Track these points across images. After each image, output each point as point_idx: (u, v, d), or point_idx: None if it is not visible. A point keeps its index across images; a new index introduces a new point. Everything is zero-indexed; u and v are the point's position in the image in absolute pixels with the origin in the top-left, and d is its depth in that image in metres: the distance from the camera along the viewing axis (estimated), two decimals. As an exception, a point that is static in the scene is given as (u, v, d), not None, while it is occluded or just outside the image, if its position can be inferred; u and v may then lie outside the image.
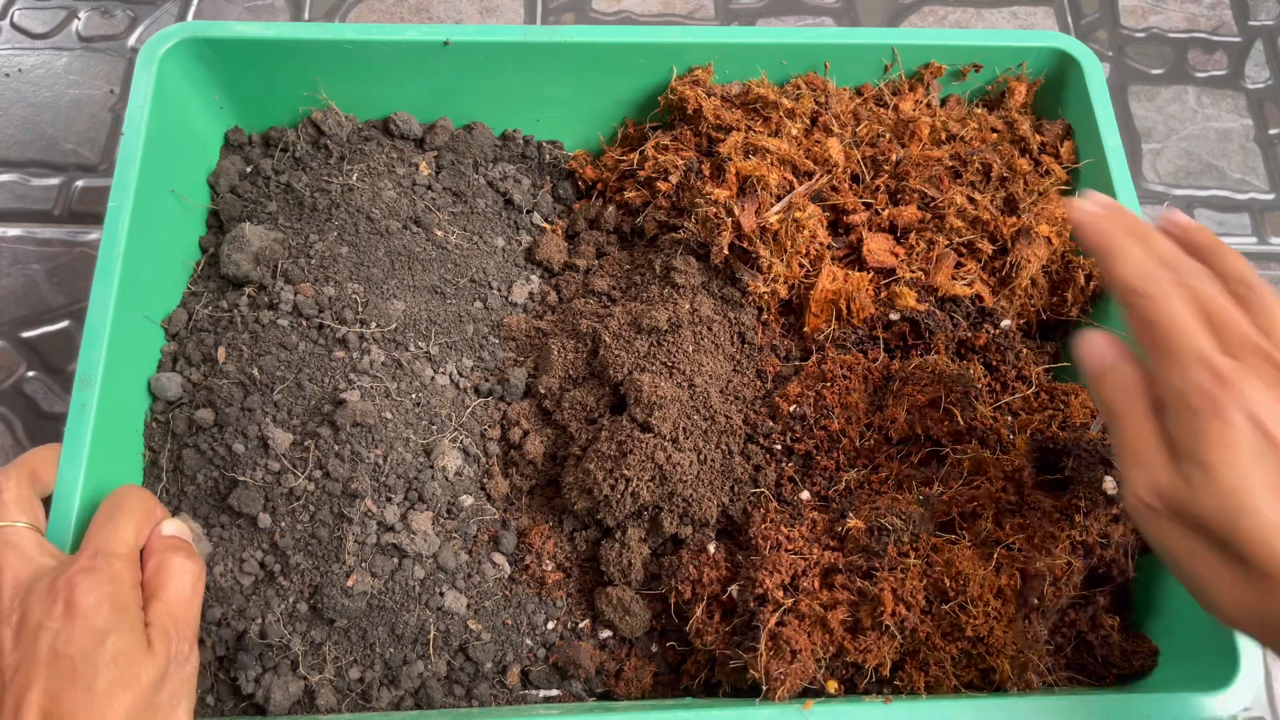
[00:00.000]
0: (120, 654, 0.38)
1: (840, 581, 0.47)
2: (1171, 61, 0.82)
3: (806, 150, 0.58)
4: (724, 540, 0.52)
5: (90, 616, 0.38)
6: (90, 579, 0.39)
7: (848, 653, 0.46)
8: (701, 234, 0.56)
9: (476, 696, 0.50)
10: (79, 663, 0.37)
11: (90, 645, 0.37)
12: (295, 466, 0.49)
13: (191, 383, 0.53)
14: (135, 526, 0.42)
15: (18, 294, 0.67)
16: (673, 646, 0.51)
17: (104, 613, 0.38)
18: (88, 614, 0.38)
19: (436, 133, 0.62)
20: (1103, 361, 0.39)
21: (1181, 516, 0.35)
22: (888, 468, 0.51)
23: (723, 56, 0.60)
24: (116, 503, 0.43)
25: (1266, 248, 0.74)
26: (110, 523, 0.42)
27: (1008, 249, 0.57)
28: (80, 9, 0.78)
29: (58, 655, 0.37)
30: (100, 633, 0.38)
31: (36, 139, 0.73)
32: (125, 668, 0.38)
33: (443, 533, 0.51)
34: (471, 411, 0.54)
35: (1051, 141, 0.61)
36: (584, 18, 0.80)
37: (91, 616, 0.38)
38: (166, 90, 0.55)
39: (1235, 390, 0.34)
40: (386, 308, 0.55)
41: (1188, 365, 0.35)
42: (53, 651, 0.37)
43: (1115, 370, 0.39)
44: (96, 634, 0.38)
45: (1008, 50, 0.62)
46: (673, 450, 0.50)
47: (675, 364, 0.52)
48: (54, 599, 0.38)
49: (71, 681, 0.37)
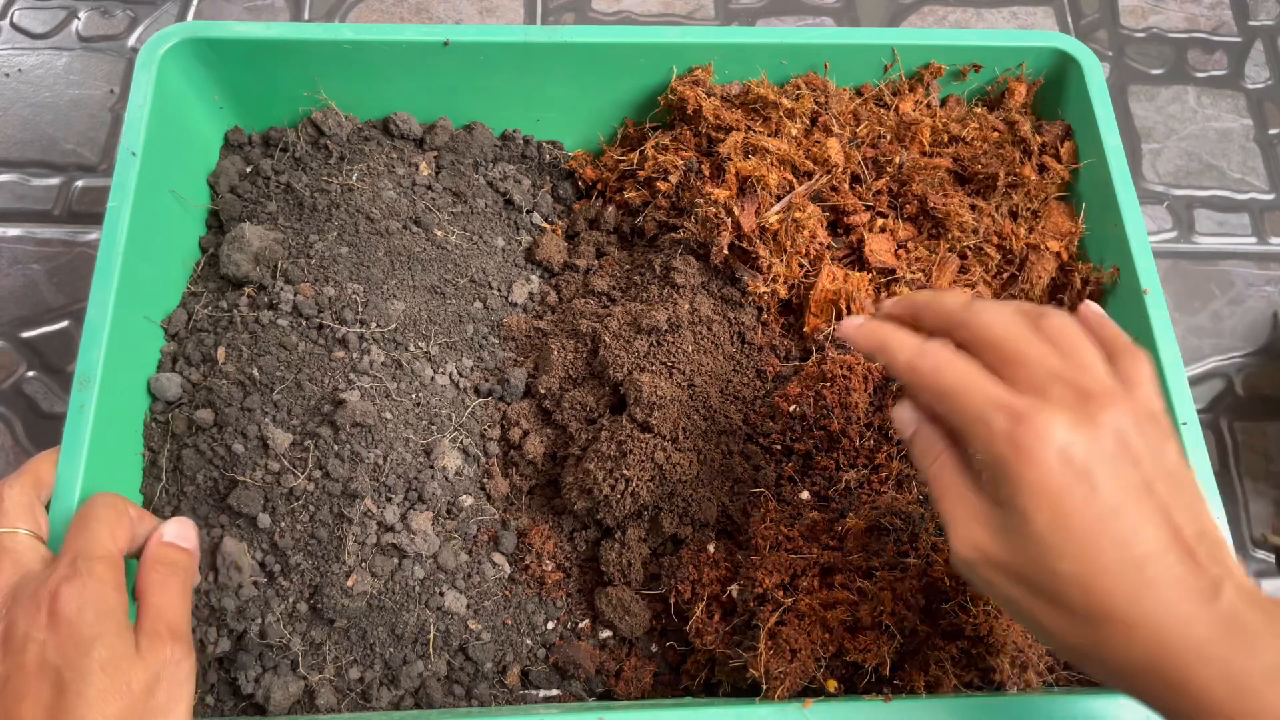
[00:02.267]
0: (108, 662, 0.37)
1: (840, 581, 0.47)
2: (1171, 61, 0.82)
3: (806, 150, 0.58)
4: (724, 540, 0.52)
5: (74, 624, 0.38)
6: (71, 586, 0.39)
7: (847, 652, 0.46)
8: (701, 234, 0.56)
9: (476, 696, 0.50)
10: (67, 672, 0.37)
11: (77, 654, 0.37)
12: (295, 466, 0.49)
13: (191, 383, 0.53)
14: (110, 530, 0.42)
15: (18, 294, 0.67)
16: (673, 646, 0.51)
17: (88, 619, 0.38)
18: (72, 622, 0.38)
19: (436, 133, 0.62)
20: (905, 427, 0.39)
21: (1006, 568, 0.34)
22: (888, 468, 0.51)
23: (723, 56, 0.60)
24: (89, 509, 0.43)
25: (1266, 248, 0.74)
26: (85, 528, 0.42)
27: (1013, 257, 0.58)
28: (80, 9, 0.78)
29: (46, 666, 0.37)
30: (87, 641, 0.37)
31: (36, 139, 0.73)
32: (114, 675, 0.37)
33: (443, 533, 0.51)
34: (471, 411, 0.54)
35: (1052, 142, 0.61)
36: (584, 18, 0.80)
37: (76, 624, 0.38)
38: (166, 90, 0.55)
39: (1038, 427, 0.33)
40: (386, 308, 0.55)
41: (983, 414, 0.34)
42: (41, 662, 0.37)
43: (918, 434, 0.39)
44: (83, 642, 0.37)
45: (1008, 50, 0.62)
46: (673, 450, 0.50)
47: (675, 364, 0.52)
48: (37, 608, 0.38)
49: (62, 692, 0.37)
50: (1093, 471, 0.33)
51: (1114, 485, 0.33)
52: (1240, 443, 0.68)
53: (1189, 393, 0.51)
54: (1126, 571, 0.32)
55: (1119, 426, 0.34)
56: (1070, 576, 0.33)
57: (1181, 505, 0.34)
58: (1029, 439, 0.33)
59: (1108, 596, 0.33)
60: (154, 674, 0.39)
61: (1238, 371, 0.70)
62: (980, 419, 0.34)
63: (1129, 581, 0.32)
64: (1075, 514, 0.33)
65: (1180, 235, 0.75)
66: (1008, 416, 0.34)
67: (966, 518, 0.35)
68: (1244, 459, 0.67)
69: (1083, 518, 0.33)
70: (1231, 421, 0.69)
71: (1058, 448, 0.33)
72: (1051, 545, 0.33)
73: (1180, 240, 0.74)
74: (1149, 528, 0.33)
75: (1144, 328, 0.53)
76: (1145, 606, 0.32)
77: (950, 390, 0.36)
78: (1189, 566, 0.33)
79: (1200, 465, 0.49)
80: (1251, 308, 0.72)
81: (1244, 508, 0.66)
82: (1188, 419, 0.50)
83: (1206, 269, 0.73)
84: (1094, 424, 0.33)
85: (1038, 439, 0.33)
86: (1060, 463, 0.33)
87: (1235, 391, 0.70)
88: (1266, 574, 0.64)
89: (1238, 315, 0.72)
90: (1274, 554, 0.65)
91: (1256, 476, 0.67)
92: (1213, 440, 0.68)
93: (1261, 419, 0.69)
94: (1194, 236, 0.74)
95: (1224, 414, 0.69)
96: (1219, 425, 0.68)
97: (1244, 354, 0.71)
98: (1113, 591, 0.33)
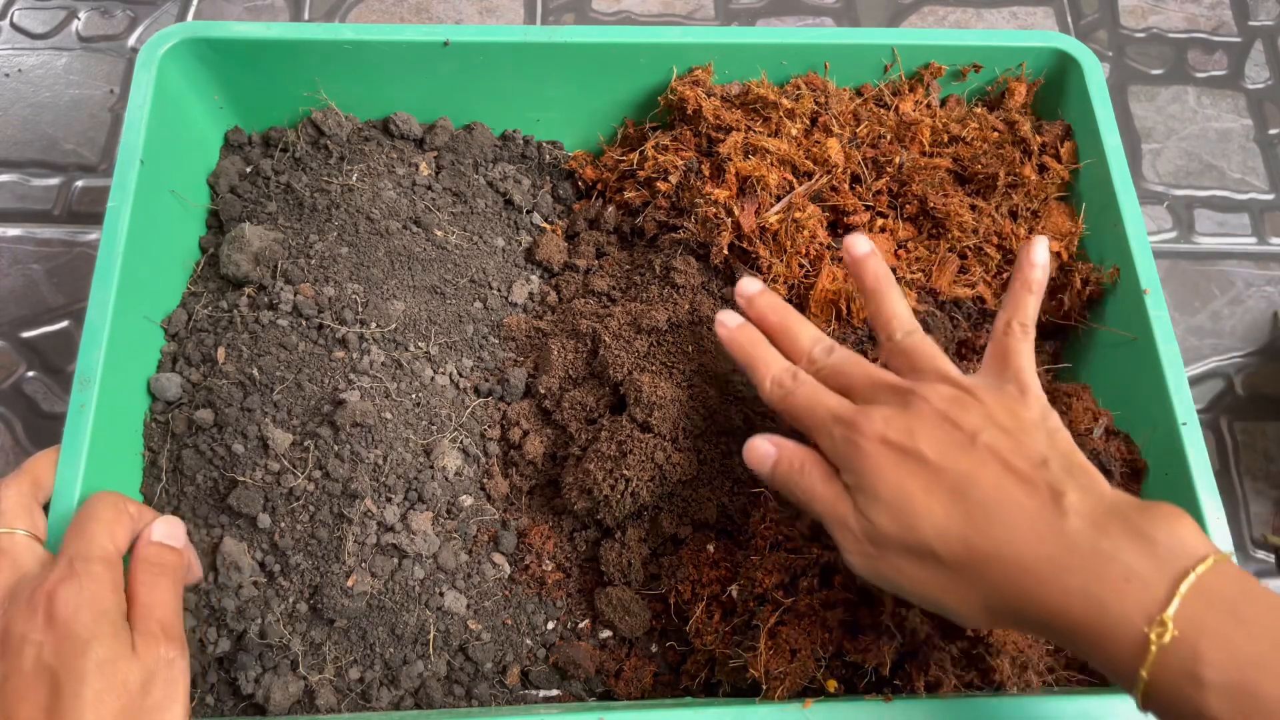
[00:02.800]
0: (105, 662, 0.38)
1: (840, 581, 0.47)
2: (1171, 61, 0.82)
3: (806, 150, 0.58)
4: (724, 540, 0.52)
5: (71, 625, 0.38)
6: (68, 587, 0.39)
7: (847, 652, 0.46)
8: (701, 234, 0.56)
9: (476, 696, 0.50)
10: (64, 674, 0.37)
11: (74, 655, 0.37)
12: (295, 467, 0.49)
13: (191, 383, 0.53)
14: (108, 530, 0.42)
15: (18, 294, 0.67)
16: (673, 646, 0.51)
17: (85, 620, 0.38)
18: (68, 623, 0.38)
19: (436, 133, 0.62)
20: (764, 455, 0.44)
21: (884, 547, 0.38)
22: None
23: (723, 56, 0.60)
24: (87, 509, 0.43)
25: (1266, 248, 0.74)
26: (83, 529, 0.42)
27: (1013, 257, 0.58)
28: (80, 9, 0.78)
29: (43, 667, 0.37)
30: (84, 642, 0.38)
31: (36, 139, 0.73)
32: (111, 675, 0.37)
33: (443, 533, 0.51)
34: (471, 411, 0.54)
35: (1052, 142, 0.61)
36: (584, 18, 0.80)
37: (72, 625, 0.38)
38: (166, 90, 0.55)
39: (861, 425, 0.40)
40: (386, 308, 0.55)
41: (828, 428, 0.41)
42: (38, 663, 0.37)
43: (781, 458, 0.43)
44: (80, 643, 0.37)
45: (1007, 50, 0.62)
46: (673, 450, 0.50)
47: (675, 364, 0.52)
48: (34, 610, 0.38)
49: (58, 693, 0.37)
50: (915, 443, 0.38)
51: (937, 448, 0.38)
52: (1240, 443, 0.68)
53: (1189, 393, 0.51)
54: (972, 512, 0.37)
55: (934, 405, 0.39)
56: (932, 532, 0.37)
57: (1013, 446, 0.38)
58: (857, 437, 0.40)
59: (964, 541, 0.36)
60: (149, 672, 0.39)
61: (1238, 371, 0.70)
62: (823, 430, 0.41)
63: (976, 520, 0.36)
64: (910, 480, 0.38)
65: (1180, 235, 0.75)
66: (842, 425, 0.40)
67: (847, 519, 0.40)
68: (1244, 459, 0.67)
69: (917, 481, 0.38)
70: (1231, 421, 0.69)
71: (879, 434, 0.39)
72: (904, 509, 0.38)
73: (1180, 240, 0.74)
74: (981, 470, 0.37)
75: (1144, 328, 0.53)
76: (997, 535, 0.36)
77: (804, 409, 0.43)
78: (1026, 490, 0.36)
79: (1200, 465, 0.49)
80: (1251, 308, 0.72)
81: (1244, 508, 0.66)
82: (1188, 419, 0.50)
83: (1206, 269, 0.73)
84: (908, 408, 0.40)
85: (863, 435, 0.39)
86: (884, 445, 0.39)
87: (1235, 391, 0.70)
88: (1266, 574, 0.64)
89: (1238, 315, 0.72)
90: (1274, 554, 0.65)
91: (1256, 476, 0.67)
92: (1213, 440, 0.68)
93: (1261, 419, 0.69)
94: (1194, 236, 0.74)
95: (1224, 414, 0.69)
96: (1219, 425, 0.68)
97: (1244, 354, 0.71)
98: (968, 535, 0.36)
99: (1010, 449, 0.38)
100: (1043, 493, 0.36)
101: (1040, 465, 0.37)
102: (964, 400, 0.40)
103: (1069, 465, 0.37)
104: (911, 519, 0.37)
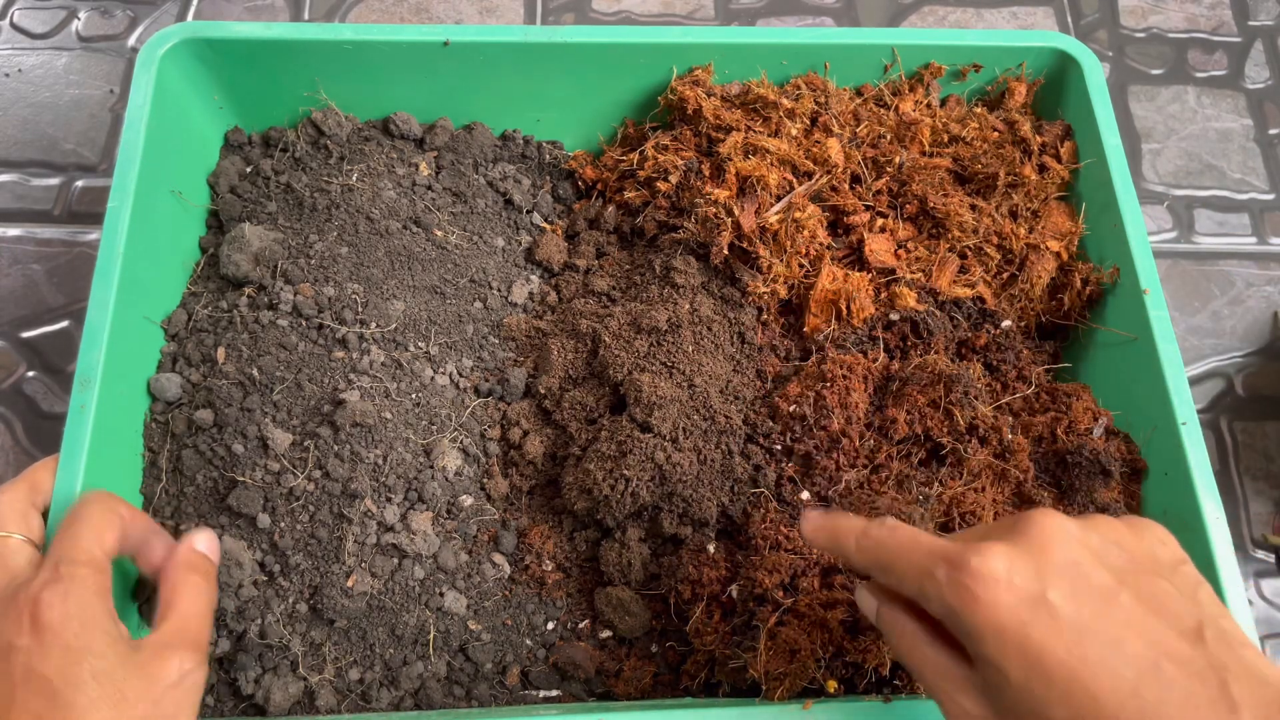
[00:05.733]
0: (101, 672, 0.37)
1: (840, 581, 0.47)
2: (1171, 61, 0.82)
3: (806, 150, 0.58)
4: (724, 540, 0.52)
5: (59, 631, 0.37)
6: (53, 592, 0.38)
7: (847, 652, 0.46)
8: (701, 234, 0.56)
9: (476, 697, 0.50)
10: (55, 681, 0.36)
11: (64, 662, 0.36)
12: (295, 467, 0.49)
13: (191, 383, 0.53)
14: (96, 533, 0.41)
15: (18, 294, 0.67)
16: (673, 646, 0.51)
17: (72, 627, 0.37)
18: (54, 628, 0.37)
19: (436, 133, 0.62)
20: (870, 611, 0.38)
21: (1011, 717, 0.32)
22: (888, 468, 0.51)
23: (723, 56, 0.60)
24: (77, 511, 0.42)
25: (1266, 248, 0.74)
26: (70, 531, 0.41)
27: (1013, 257, 0.58)
28: (80, 9, 0.78)
29: (32, 674, 0.36)
30: (76, 650, 0.37)
31: (36, 139, 0.73)
32: (105, 684, 0.37)
33: (443, 533, 0.51)
34: (471, 411, 0.54)
35: (1052, 142, 0.61)
36: (584, 18, 0.80)
37: (59, 631, 0.37)
38: (166, 90, 0.55)
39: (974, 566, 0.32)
40: (386, 308, 0.55)
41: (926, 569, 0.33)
42: (27, 671, 0.36)
43: (882, 616, 0.37)
44: (70, 651, 0.37)
45: (1007, 50, 0.62)
46: (673, 450, 0.50)
47: (675, 364, 0.52)
48: (19, 616, 0.37)
49: (50, 701, 0.36)
50: (1046, 594, 0.31)
51: (1074, 602, 0.31)
52: (1240, 443, 0.68)
53: (1189, 393, 0.51)
54: (1124, 703, 0.30)
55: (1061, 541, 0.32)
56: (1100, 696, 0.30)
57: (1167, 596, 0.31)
58: (971, 581, 0.31)
59: None
60: (157, 682, 0.38)
61: (1238, 371, 0.70)
62: (924, 575, 0.33)
63: (1130, 712, 0.30)
64: (1046, 650, 0.30)
65: (1180, 235, 0.75)
66: (948, 565, 0.32)
67: (951, 690, 0.33)
68: (1244, 459, 0.67)
69: (1054, 652, 0.30)
70: (1231, 421, 0.69)
71: (1002, 580, 0.31)
72: (1037, 696, 0.30)
73: (1180, 240, 0.74)
74: (1131, 638, 0.30)
75: (1144, 328, 0.53)
76: None
77: (893, 558, 0.35)
78: (1191, 673, 0.30)
79: (1200, 465, 0.49)
80: (1251, 308, 0.72)
81: (1244, 508, 0.66)
82: (1188, 419, 0.50)
83: (1206, 269, 0.73)
84: (1032, 546, 0.32)
85: (980, 579, 0.31)
86: (1009, 594, 0.31)
87: (1235, 391, 0.70)
88: (1266, 574, 0.64)
89: (1238, 315, 0.72)
90: (1274, 554, 0.64)
91: (1256, 476, 0.67)
92: (1213, 440, 0.68)
93: (1261, 419, 0.69)
94: (1194, 236, 0.74)
95: (1224, 414, 0.69)
96: (1219, 425, 0.68)
97: (1244, 354, 0.71)
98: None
99: (1159, 599, 0.31)
100: (1209, 679, 0.30)
101: (1197, 637, 0.31)
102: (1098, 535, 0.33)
103: (1223, 635, 0.31)
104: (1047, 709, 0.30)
